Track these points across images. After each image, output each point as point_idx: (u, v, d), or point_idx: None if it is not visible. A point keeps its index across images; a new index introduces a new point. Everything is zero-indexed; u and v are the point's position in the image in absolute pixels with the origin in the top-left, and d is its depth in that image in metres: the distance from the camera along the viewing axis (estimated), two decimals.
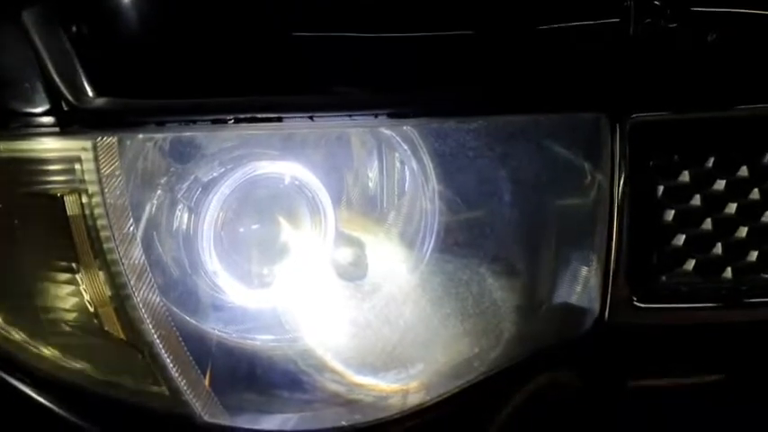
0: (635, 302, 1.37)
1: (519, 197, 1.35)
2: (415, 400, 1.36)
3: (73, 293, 1.28)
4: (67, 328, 1.29)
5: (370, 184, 1.37)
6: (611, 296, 1.36)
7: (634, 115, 1.34)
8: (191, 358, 1.29)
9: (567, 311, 1.38)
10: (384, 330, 1.35)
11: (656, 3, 1.33)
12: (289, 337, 1.34)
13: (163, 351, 1.27)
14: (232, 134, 1.30)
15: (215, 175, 1.32)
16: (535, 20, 1.33)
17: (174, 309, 1.31)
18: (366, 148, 1.36)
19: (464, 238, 1.35)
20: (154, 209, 1.31)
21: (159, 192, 1.31)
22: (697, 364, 1.43)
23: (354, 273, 1.35)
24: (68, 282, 1.27)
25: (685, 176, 1.38)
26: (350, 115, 1.30)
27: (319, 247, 1.35)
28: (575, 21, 1.34)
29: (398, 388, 1.35)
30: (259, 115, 1.27)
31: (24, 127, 1.25)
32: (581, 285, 1.37)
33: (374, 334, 1.35)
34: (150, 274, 1.27)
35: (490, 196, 1.35)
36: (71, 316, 1.29)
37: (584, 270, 1.37)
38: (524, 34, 1.34)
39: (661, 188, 1.37)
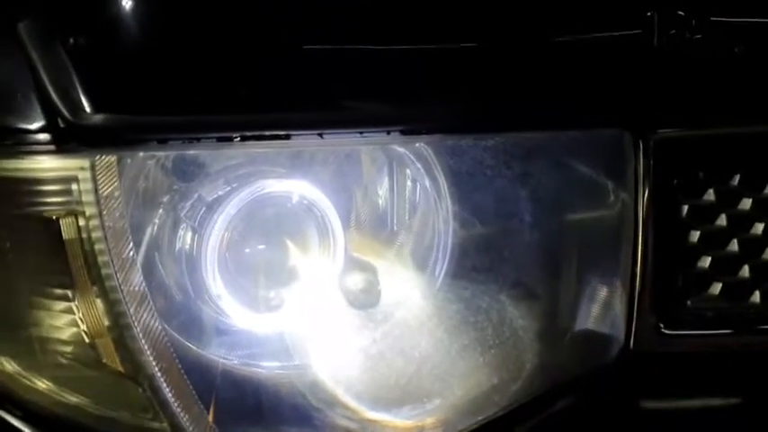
0: (662, 329, 1.34)
1: (539, 218, 1.32)
2: None
3: (68, 323, 1.23)
4: (63, 360, 1.25)
5: (381, 203, 1.34)
6: (636, 323, 1.33)
7: (658, 132, 1.31)
8: (193, 392, 1.25)
9: (591, 340, 1.35)
10: (398, 362, 1.31)
11: (680, 13, 1.28)
12: (296, 365, 1.30)
13: (164, 385, 1.23)
14: (238, 152, 1.27)
15: (220, 193, 1.29)
16: (554, 32, 1.29)
17: (177, 336, 1.27)
18: (377, 165, 1.34)
19: (481, 262, 1.31)
20: (155, 230, 1.27)
21: (161, 212, 1.28)
22: (724, 392, 1.39)
23: (366, 300, 1.31)
24: (64, 310, 1.23)
25: (710, 195, 1.34)
26: (361, 132, 1.26)
27: (328, 269, 1.31)
28: (595, 32, 1.29)
29: (414, 425, 1.31)
30: (266, 133, 1.24)
31: (18, 144, 1.21)
32: (605, 311, 1.34)
33: (388, 366, 1.31)
34: (151, 301, 1.23)
35: (508, 217, 1.31)
36: (66, 347, 1.25)
37: (607, 295, 1.34)
38: (543, 47, 1.29)
39: (686, 207, 1.33)
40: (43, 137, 1.21)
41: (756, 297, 1.36)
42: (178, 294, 1.29)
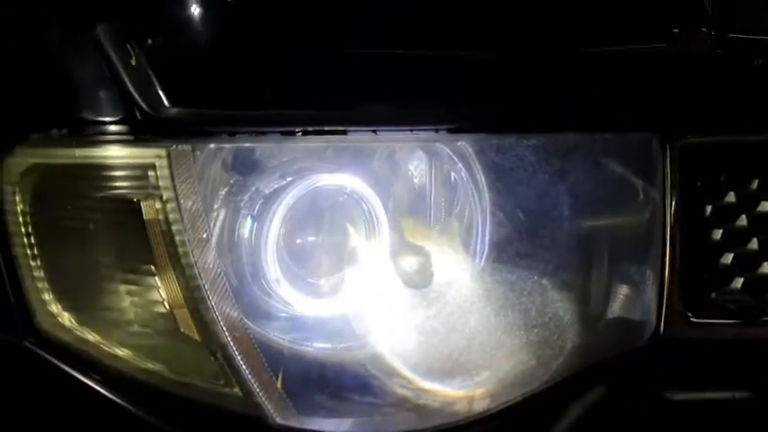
0: (689, 317, 1.37)
1: (575, 212, 1.34)
2: (480, 406, 1.34)
3: (148, 295, 1.26)
4: (141, 329, 1.28)
5: (424, 196, 1.35)
6: (665, 310, 1.35)
7: (684, 137, 1.34)
8: (264, 361, 1.27)
9: (624, 324, 1.37)
10: (450, 337, 1.33)
11: (703, 29, 1.33)
12: (354, 345, 1.32)
13: (236, 353, 1.26)
14: (293, 147, 1.30)
15: (276, 186, 1.31)
16: (592, 42, 1.33)
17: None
18: (419, 162, 1.35)
19: (525, 250, 1.33)
20: (221, 217, 1.29)
21: (224, 201, 1.30)
22: (743, 378, 1.41)
23: (420, 280, 1.33)
24: (144, 283, 1.26)
25: (731, 197, 1.37)
26: (411, 129, 1.30)
27: (378, 256, 1.33)
28: (629, 44, 1.34)
29: (464, 394, 1.33)
30: (325, 128, 1.27)
31: (101, 134, 1.25)
32: (637, 300, 1.36)
33: (441, 341, 1.33)
34: (224, 279, 1.25)
35: (547, 210, 1.33)
36: (145, 317, 1.28)
37: (639, 285, 1.36)
38: (582, 55, 1.33)
39: (709, 208, 1.36)
40: (123, 128, 1.24)
41: None
42: (235, 280, 1.30)
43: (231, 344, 1.25)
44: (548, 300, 1.34)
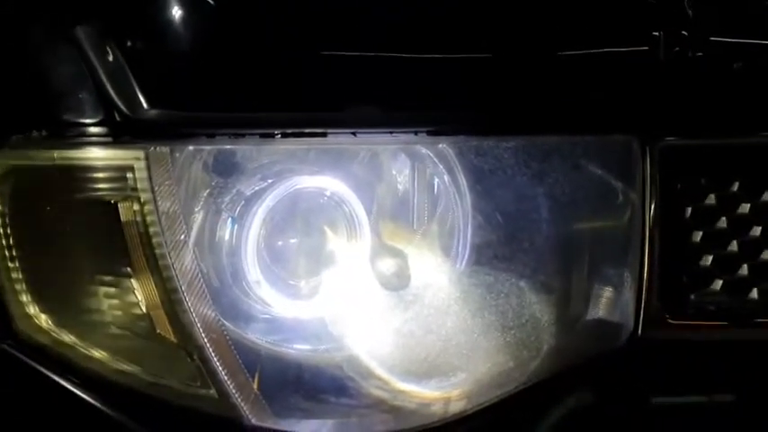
0: (667, 319, 1.35)
1: (554, 214, 1.33)
2: (456, 407, 1.33)
3: (124, 297, 1.25)
4: (118, 331, 1.27)
5: (404, 199, 1.34)
6: (644, 312, 1.34)
7: (664, 139, 1.33)
8: (240, 362, 1.26)
9: (603, 326, 1.36)
10: (427, 339, 1.32)
11: (683, 33, 1.32)
12: (332, 346, 1.31)
13: (213, 355, 1.25)
14: (273, 149, 1.29)
15: (257, 188, 1.30)
16: (572, 45, 1.32)
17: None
18: (400, 164, 1.34)
19: (503, 252, 1.32)
20: (200, 219, 1.28)
21: (204, 203, 1.29)
22: (722, 380, 1.40)
23: (397, 282, 1.32)
24: (120, 285, 1.25)
25: (711, 199, 1.36)
26: (391, 132, 1.28)
27: (358, 258, 1.32)
28: (609, 47, 1.33)
29: (440, 396, 1.32)
30: (305, 130, 1.26)
31: (79, 137, 1.24)
32: (615, 301, 1.35)
33: (417, 343, 1.32)
34: (201, 281, 1.24)
35: (526, 212, 1.32)
36: (122, 318, 1.27)
37: (618, 287, 1.35)
38: (561, 58, 1.32)
39: (689, 210, 1.35)
40: (102, 130, 1.23)
41: (754, 293, 1.37)
42: (216, 282, 1.29)
43: (208, 345, 1.24)
44: (525, 302, 1.33)
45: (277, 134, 1.25)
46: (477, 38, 1.30)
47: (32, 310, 1.28)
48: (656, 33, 1.31)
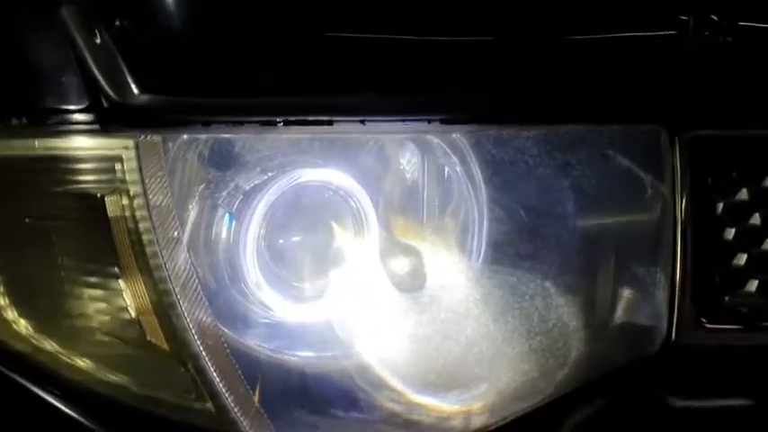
0: (702, 322, 1.31)
1: (580, 209, 1.27)
2: (478, 422, 1.27)
3: (113, 301, 1.19)
4: (105, 338, 1.20)
5: (415, 192, 1.28)
6: (677, 315, 1.30)
7: (694, 130, 1.29)
8: (239, 373, 1.20)
9: (634, 331, 1.31)
10: (445, 346, 1.25)
11: (713, 17, 1.28)
12: (340, 353, 1.25)
13: (209, 364, 1.18)
14: (274, 139, 1.23)
15: (257, 182, 1.24)
16: (598, 28, 1.27)
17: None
18: (411, 155, 1.28)
19: (525, 251, 1.26)
20: (194, 215, 1.22)
21: (199, 198, 1.23)
22: (760, 386, 1.35)
23: (412, 283, 1.25)
24: (107, 287, 1.18)
25: (744, 194, 1.32)
26: (403, 120, 1.23)
27: (367, 256, 1.26)
28: (637, 31, 1.28)
29: (461, 409, 1.26)
30: (309, 117, 1.20)
31: (62, 124, 1.17)
32: (646, 304, 1.30)
33: (435, 350, 1.25)
34: (196, 282, 1.18)
35: (549, 207, 1.27)
36: (109, 324, 1.20)
37: (649, 288, 1.30)
38: (587, 42, 1.27)
39: (720, 205, 1.31)
40: (87, 117, 1.17)
41: None
42: (213, 283, 1.23)
43: (204, 354, 1.17)
44: (551, 304, 1.27)
45: (279, 122, 1.20)
46: (495, 18, 1.25)
47: (10, 314, 1.22)
48: (685, 17, 1.27)
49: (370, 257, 1.25)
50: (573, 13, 1.26)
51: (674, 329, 1.29)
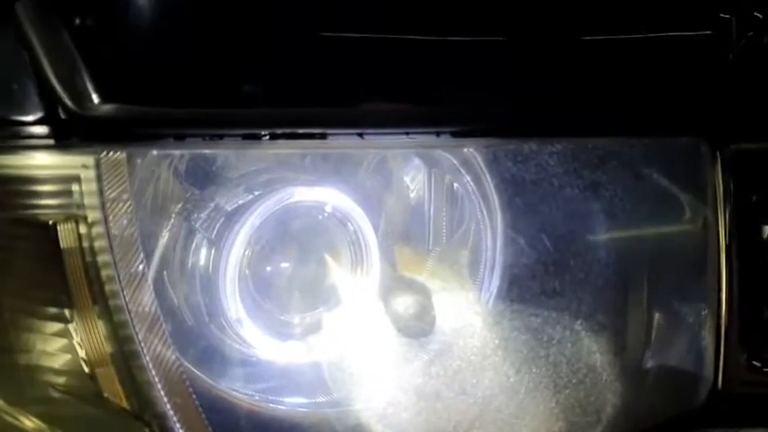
0: (755, 366, 1.21)
1: (612, 235, 1.19)
2: None
3: (64, 348, 1.07)
4: (56, 394, 1.09)
5: (423, 215, 1.22)
6: (724, 359, 1.21)
7: (737, 143, 1.21)
8: None
9: (676, 379, 1.22)
10: (458, 402, 1.15)
11: (757, 15, 1.20)
12: (326, 402, 1.15)
13: (177, 425, 1.07)
14: (260, 155, 1.16)
15: (240, 202, 1.15)
16: (627, 29, 1.18)
17: (190, 367, 1.11)
18: (418, 171, 1.22)
19: (550, 285, 1.17)
20: (166, 243, 1.13)
21: (173, 222, 1.14)
22: None
23: (418, 327, 1.15)
24: (59, 333, 1.07)
25: None
26: (407, 133, 1.13)
27: (366, 291, 1.17)
28: (672, 33, 1.19)
29: None
30: (299, 131, 1.10)
31: (11, 138, 1.07)
32: (690, 346, 1.22)
33: (446, 406, 1.15)
34: (163, 325, 1.07)
35: (579, 233, 1.18)
36: (61, 378, 1.08)
37: (692, 327, 1.21)
38: (617, 46, 1.18)
39: (767, 228, 1.24)
40: (41, 130, 1.07)
41: None
42: (190, 318, 1.15)
43: (171, 413, 1.06)
44: (581, 351, 1.18)
45: (264, 135, 1.09)
46: (514, 14, 1.15)
47: None
48: (727, 16, 1.19)
49: (370, 291, 1.17)
50: (602, 10, 1.17)
51: (720, 375, 1.20)
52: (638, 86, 1.18)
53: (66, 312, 1.06)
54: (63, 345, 1.07)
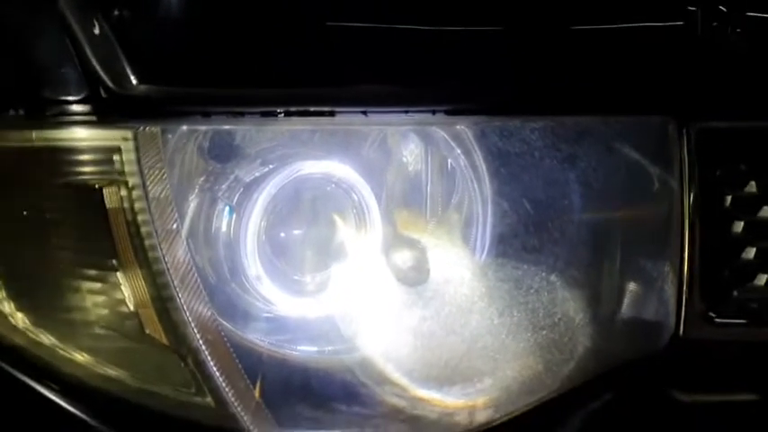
0: (711, 317, 1.27)
1: (587, 202, 1.24)
2: (482, 417, 1.24)
3: (111, 293, 1.16)
4: (103, 331, 1.18)
5: (418, 185, 1.25)
6: (685, 310, 1.27)
7: (702, 121, 1.26)
8: (240, 367, 1.17)
9: (641, 326, 1.28)
10: (449, 340, 1.22)
11: (721, 8, 1.26)
12: (342, 348, 1.22)
13: (209, 358, 1.15)
14: (275, 130, 1.20)
15: (257, 174, 1.21)
16: (604, 18, 1.25)
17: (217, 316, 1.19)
18: (416, 146, 1.25)
19: (530, 244, 1.23)
20: (193, 210, 1.19)
21: (198, 190, 1.20)
22: (765, 381, 1.32)
23: (415, 277, 1.22)
24: (105, 280, 1.16)
25: (753, 187, 1.29)
26: (406, 111, 1.20)
27: (370, 250, 1.23)
28: (644, 21, 1.27)
29: (465, 404, 1.23)
30: (311, 108, 1.18)
31: (60, 115, 1.15)
32: (654, 298, 1.27)
33: (438, 344, 1.22)
34: (196, 275, 1.15)
35: (555, 200, 1.24)
36: (108, 317, 1.17)
37: (656, 282, 1.27)
38: (593, 33, 1.25)
39: (729, 198, 1.28)
40: (85, 108, 1.15)
41: None
42: (213, 277, 1.21)
43: (203, 348, 1.15)
44: (557, 298, 1.23)
45: (280, 113, 1.17)
46: (501, 7, 1.23)
47: (7, 307, 1.19)
48: (693, 8, 1.25)
49: (373, 251, 1.23)
50: (580, 3, 1.24)
51: (681, 324, 1.26)
52: (613, 70, 1.24)
53: (112, 262, 1.14)
54: (109, 290, 1.15)
